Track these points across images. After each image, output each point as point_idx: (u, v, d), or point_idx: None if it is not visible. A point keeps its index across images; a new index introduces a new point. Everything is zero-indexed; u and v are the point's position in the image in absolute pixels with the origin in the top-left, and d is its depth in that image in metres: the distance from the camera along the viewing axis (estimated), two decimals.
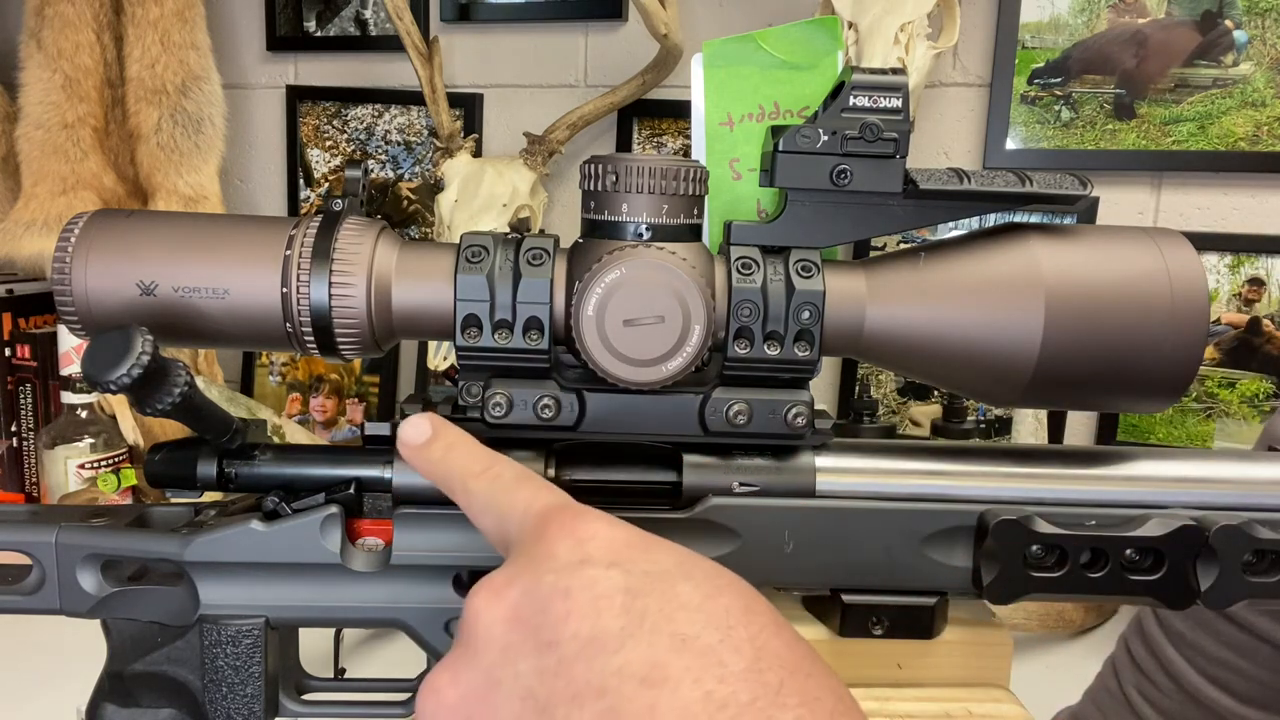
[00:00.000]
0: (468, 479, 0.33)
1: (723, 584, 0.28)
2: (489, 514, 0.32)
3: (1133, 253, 0.37)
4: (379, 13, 1.42)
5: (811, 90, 0.46)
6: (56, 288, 0.38)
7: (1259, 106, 1.10)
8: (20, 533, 0.39)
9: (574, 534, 0.29)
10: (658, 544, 0.29)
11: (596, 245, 0.37)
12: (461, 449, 0.35)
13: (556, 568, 0.28)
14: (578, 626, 0.27)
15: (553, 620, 0.27)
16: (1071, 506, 0.39)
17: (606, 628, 0.26)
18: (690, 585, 0.28)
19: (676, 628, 0.26)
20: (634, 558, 0.28)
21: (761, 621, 0.27)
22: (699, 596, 0.27)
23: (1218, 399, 1.14)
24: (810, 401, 0.39)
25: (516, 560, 0.29)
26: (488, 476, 0.33)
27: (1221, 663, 0.60)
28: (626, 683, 0.25)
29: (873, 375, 1.27)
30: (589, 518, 0.30)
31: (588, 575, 0.27)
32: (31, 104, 1.27)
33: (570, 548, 0.28)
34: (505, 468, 0.34)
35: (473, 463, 0.34)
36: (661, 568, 0.28)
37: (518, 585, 0.28)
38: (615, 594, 0.27)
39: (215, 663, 0.39)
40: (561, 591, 0.27)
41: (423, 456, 0.35)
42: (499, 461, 0.34)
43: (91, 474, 1.17)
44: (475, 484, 0.33)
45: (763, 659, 0.26)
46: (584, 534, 0.29)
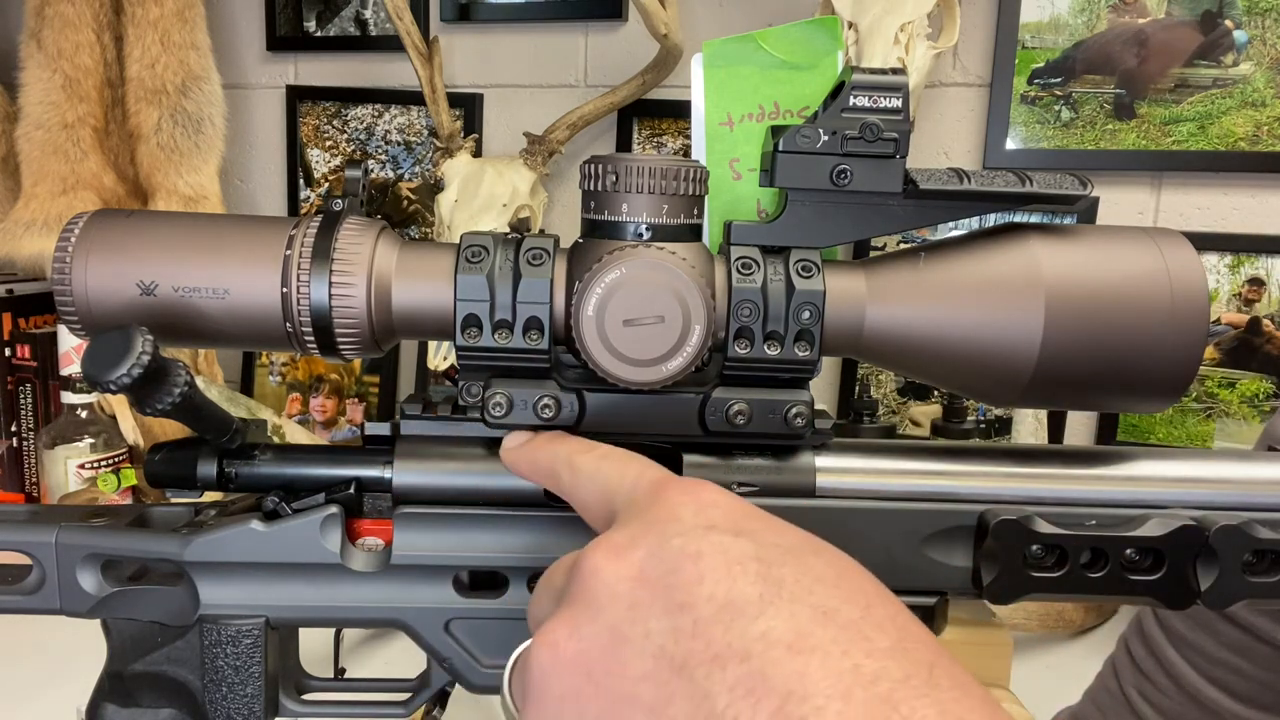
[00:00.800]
0: (574, 456, 0.34)
1: (851, 565, 0.28)
2: (594, 484, 0.33)
3: (1133, 253, 0.37)
4: (379, 13, 1.42)
5: (811, 90, 0.46)
6: (56, 288, 0.38)
7: (1259, 106, 1.10)
8: (20, 533, 0.39)
9: (697, 499, 0.28)
10: (779, 520, 0.29)
11: (596, 245, 0.37)
12: (567, 438, 0.36)
13: (683, 530, 0.27)
14: (713, 589, 0.26)
15: (685, 582, 0.26)
16: (1071, 506, 0.39)
17: (744, 593, 0.26)
18: (822, 561, 0.27)
19: (816, 600, 0.25)
20: (760, 529, 0.28)
21: (896, 605, 0.27)
22: (833, 572, 0.27)
23: (1218, 399, 1.14)
24: (810, 401, 0.39)
25: (630, 523, 0.29)
26: (596, 453, 0.34)
27: (1221, 663, 0.60)
28: (773, 648, 0.24)
29: (873, 375, 1.27)
30: (709, 487, 0.29)
31: (717, 540, 0.27)
32: (31, 104, 1.27)
33: (695, 512, 0.28)
34: (609, 449, 0.34)
35: (579, 444, 0.35)
36: (790, 542, 0.28)
37: (642, 545, 0.27)
38: (748, 560, 0.26)
39: (215, 663, 0.39)
40: (691, 554, 0.27)
41: (528, 448, 0.36)
42: (601, 445, 0.35)
43: (91, 474, 1.17)
44: (582, 459, 0.34)
45: (907, 640, 0.25)
46: (706, 500, 0.29)
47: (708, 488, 0.30)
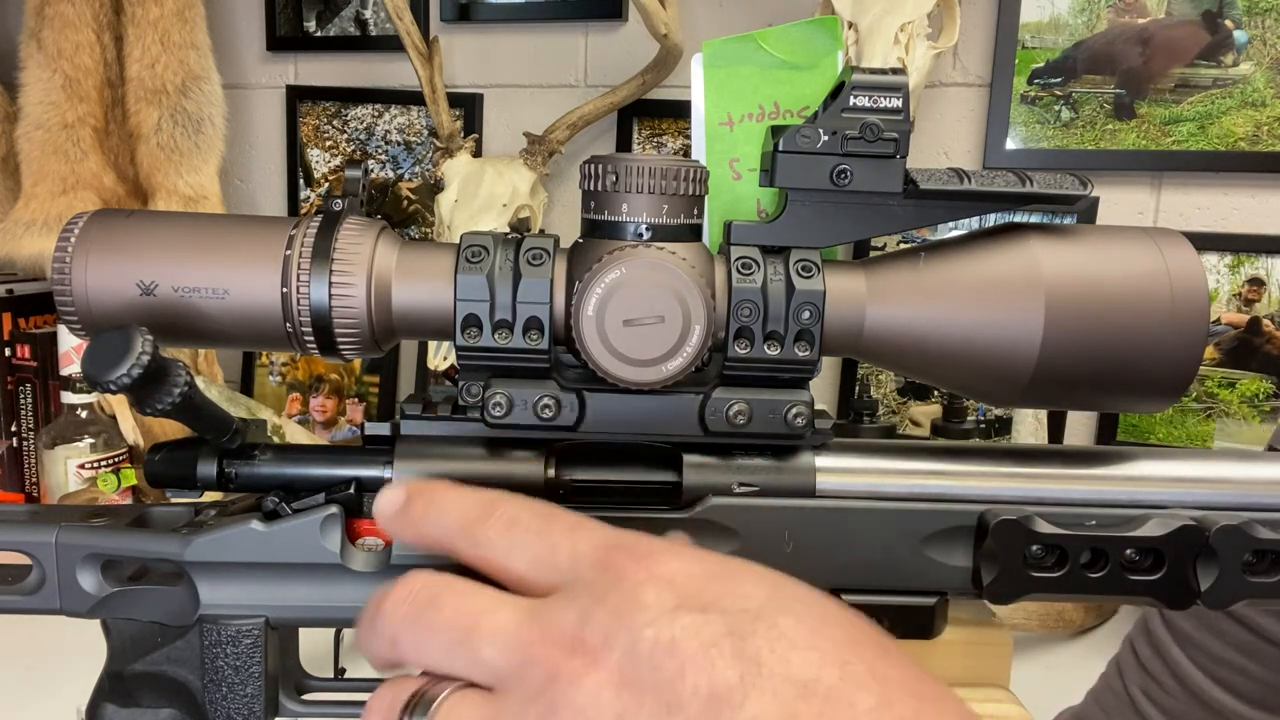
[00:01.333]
0: (473, 529, 0.31)
1: (819, 613, 0.27)
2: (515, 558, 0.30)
3: (1133, 253, 0.37)
4: (379, 13, 1.42)
5: (811, 90, 0.46)
6: (56, 288, 0.38)
7: (1259, 106, 1.10)
8: (20, 533, 0.39)
9: (655, 576, 0.27)
10: (739, 573, 0.28)
11: (596, 245, 0.37)
12: (450, 499, 0.32)
13: (651, 618, 0.26)
14: (695, 681, 0.25)
15: (668, 678, 0.25)
16: (1071, 506, 0.39)
17: (725, 679, 0.25)
18: (791, 620, 0.26)
19: (793, 671, 0.25)
20: (725, 594, 0.27)
21: (871, 650, 0.26)
22: (805, 631, 0.26)
23: (1218, 399, 1.14)
24: (810, 401, 0.39)
25: (591, 613, 0.27)
26: (499, 522, 0.30)
27: (1227, 663, 0.60)
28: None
29: (873, 375, 1.27)
30: (659, 555, 0.28)
31: (688, 624, 0.26)
32: (31, 104, 1.27)
33: (657, 594, 0.27)
34: (514, 507, 0.31)
35: (470, 509, 0.31)
36: (756, 603, 0.27)
37: (616, 645, 0.26)
38: (722, 639, 0.25)
39: (215, 663, 0.39)
40: (666, 646, 0.25)
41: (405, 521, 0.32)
42: (502, 500, 0.31)
43: (91, 474, 1.17)
44: (485, 533, 0.30)
45: (890, 691, 0.25)
46: (664, 574, 0.27)
47: (659, 556, 0.28)
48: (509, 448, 0.39)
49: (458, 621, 0.28)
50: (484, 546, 0.30)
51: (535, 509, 0.31)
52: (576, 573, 0.28)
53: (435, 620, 0.29)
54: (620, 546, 0.28)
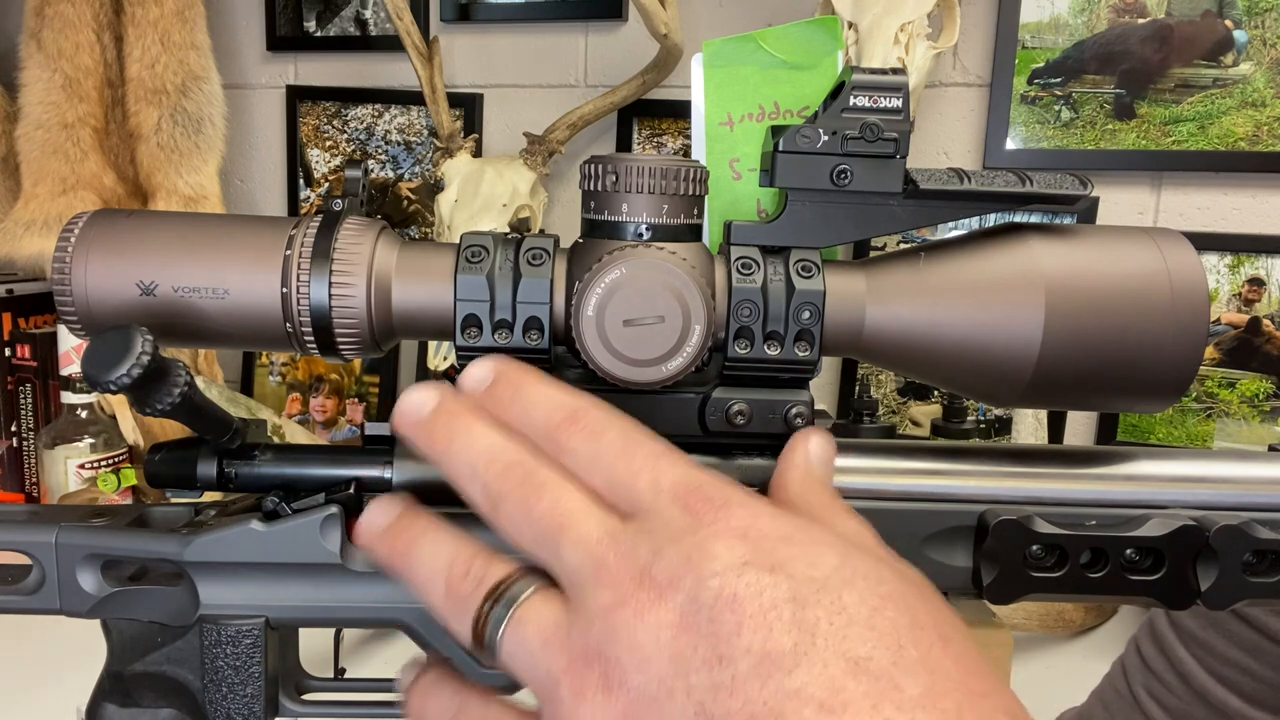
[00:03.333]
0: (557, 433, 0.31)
1: (885, 592, 0.27)
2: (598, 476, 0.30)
3: (1133, 253, 0.37)
4: (379, 13, 1.42)
5: (811, 90, 0.46)
6: (56, 288, 0.38)
7: (1259, 106, 1.10)
8: (20, 533, 0.39)
9: (730, 527, 0.27)
10: (818, 537, 0.28)
11: (596, 245, 0.37)
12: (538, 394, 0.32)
13: (719, 569, 0.26)
14: (750, 640, 0.25)
15: (725, 632, 0.26)
16: (1071, 506, 0.39)
17: (779, 644, 0.25)
18: (856, 595, 0.26)
19: (849, 647, 0.25)
20: (795, 558, 0.27)
21: (930, 637, 0.26)
22: (866, 610, 0.26)
23: (1218, 399, 1.14)
24: (810, 401, 0.38)
25: (663, 551, 0.27)
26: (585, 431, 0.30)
27: (1231, 663, 0.60)
28: (806, 706, 0.24)
29: (873, 375, 1.27)
30: (737, 507, 0.28)
31: (753, 582, 0.26)
32: (31, 104, 1.27)
33: (729, 546, 0.27)
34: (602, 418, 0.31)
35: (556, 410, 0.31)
36: (824, 572, 0.27)
37: (682, 588, 0.26)
38: (783, 604, 0.26)
39: (215, 663, 0.39)
40: (728, 600, 0.26)
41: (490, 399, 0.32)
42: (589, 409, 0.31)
43: (91, 474, 1.17)
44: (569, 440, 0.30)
45: (937, 682, 0.25)
46: (739, 526, 0.27)
47: (735, 505, 0.28)
48: None
49: (550, 517, 0.29)
50: (566, 454, 0.31)
51: (622, 426, 0.31)
52: (656, 505, 0.29)
53: (533, 506, 0.29)
54: (700, 489, 0.29)
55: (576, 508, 0.29)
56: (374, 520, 0.34)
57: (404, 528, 0.33)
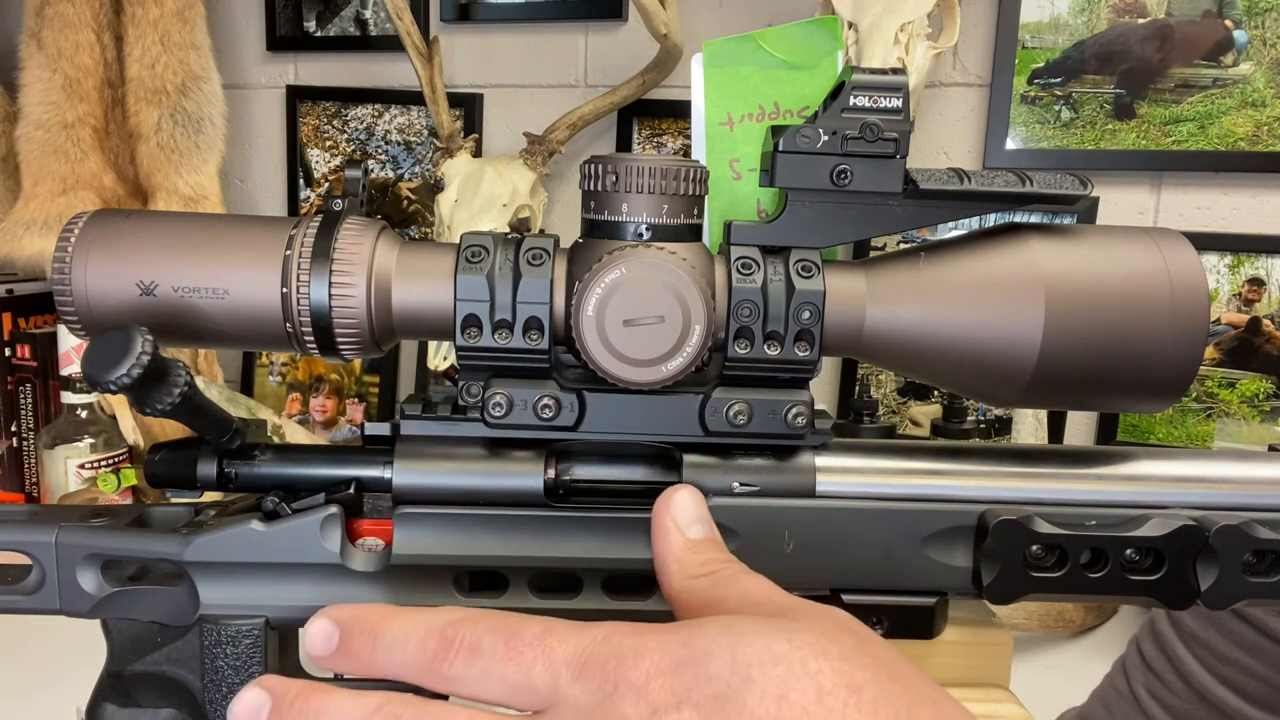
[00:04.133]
0: (436, 665, 0.30)
1: (781, 674, 0.27)
2: (494, 690, 0.30)
3: (1133, 253, 0.37)
4: (379, 13, 1.42)
5: (811, 90, 0.46)
6: (56, 288, 0.38)
7: (1259, 106, 1.10)
8: (20, 533, 0.39)
9: (631, 686, 0.28)
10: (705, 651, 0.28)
11: (596, 245, 0.37)
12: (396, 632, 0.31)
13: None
14: None
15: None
16: (1071, 506, 0.39)
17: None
18: (757, 692, 0.27)
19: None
20: (693, 683, 0.27)
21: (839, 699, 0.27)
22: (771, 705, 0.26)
23: (1218, 399, 1.14)
24: (810, 401, 0.38)
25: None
26: (463, 654, 0.30)
27: (1232, 662, 0.60)
28: None
29: (873, 375, 1.27)
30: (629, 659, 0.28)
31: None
32: (31, 104, 1.27)
33: (634, 703, 0.27)
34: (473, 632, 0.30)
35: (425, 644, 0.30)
36: (722, 683, 0.27)
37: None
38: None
39: (215, 663, 0.39)
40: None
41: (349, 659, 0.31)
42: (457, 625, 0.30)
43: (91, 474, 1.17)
44: (450, 668, 0.30)
45: None
46: (637, 680, 0.28)
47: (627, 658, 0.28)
48: (509, 448, 0.39)
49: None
50: (454, 682, 0.30)
51: (495, 627, 0.30)
52: (558, 692, 0.29)
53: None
54: (591, 657, 0.29)
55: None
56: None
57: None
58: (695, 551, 0.34)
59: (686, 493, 0.36)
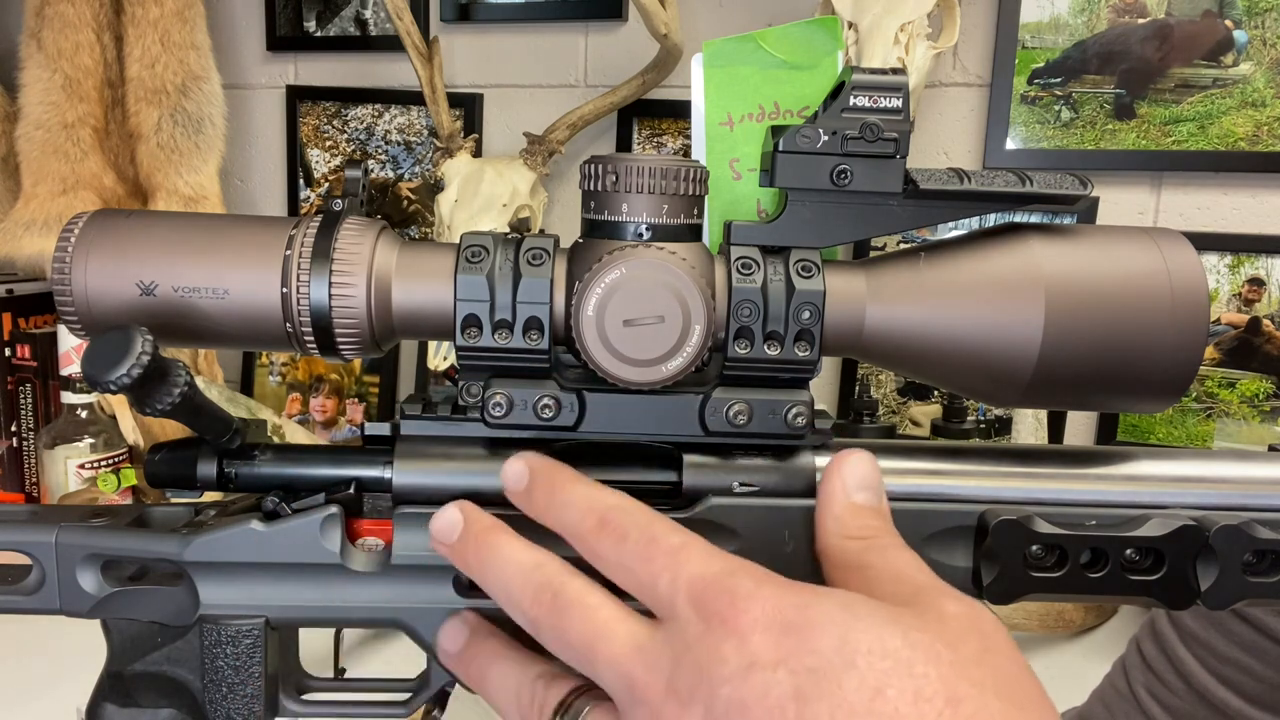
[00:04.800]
0: (588, 538, 0.33)
1: (887, 669, 0.27)
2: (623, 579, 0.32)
3: (1133, 253, 0.37)
4: (379, 13, 1.42)
5: (811, 90, 0.46)
6: (56, 288, 0.38)
7: (1259, 106, 1.10)
8: (20, 533, 0.39)
9: (736, 629, 0.29)
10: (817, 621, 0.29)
11: (596, 245, 0.37)
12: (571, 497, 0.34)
13: (728, 675, 0.28)
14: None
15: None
16: (1071, 506, 0.39)
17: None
18: (855, 679, 0.27)
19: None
20: (796, 650, 0.28)
21: (934, 708, 0.27)
22: (866, 695, 0.27)
23: (1218, 399, 1.14)
24: (810, 401, 0.38)
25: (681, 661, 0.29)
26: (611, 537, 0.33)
27: (1232, 662, 0.60)
28: None
29: (873, 375, 1.27)
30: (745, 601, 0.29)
31: (758, 684, 0.28)
32: (31, 104, 1.27)
33: (735, 648, 0.28)
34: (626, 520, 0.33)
35: (587, 516, 0.33)
36: (824, 659, 0.28)
37: (700, 699, 0.28)
38: (787, 703, 0.27)
39: (215, 663, 0.39)
40: (738, 706, 0.28)
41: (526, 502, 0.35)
42: (616, 511, 0.33)
43: (91, 474, 1.17)
44: (598, 545, 0.33)
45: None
46: (745, 626, 0.29)
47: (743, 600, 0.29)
48: (509, 448, 0.39)
49: (582, 640, 0.31)
50: (596, 559, 0.33)
51: (643, 525, 0.32)
52: (674, 610, 0.30)
53: (566, 630, 0.32)
54: (712, 586, 0.30)
55: (603, 624, 0.31)
56: (448, 643, 0.38)
57: (474, 654, 0.37)
58: (855, 514, 0.35)
59: (862, 457, 0.36)
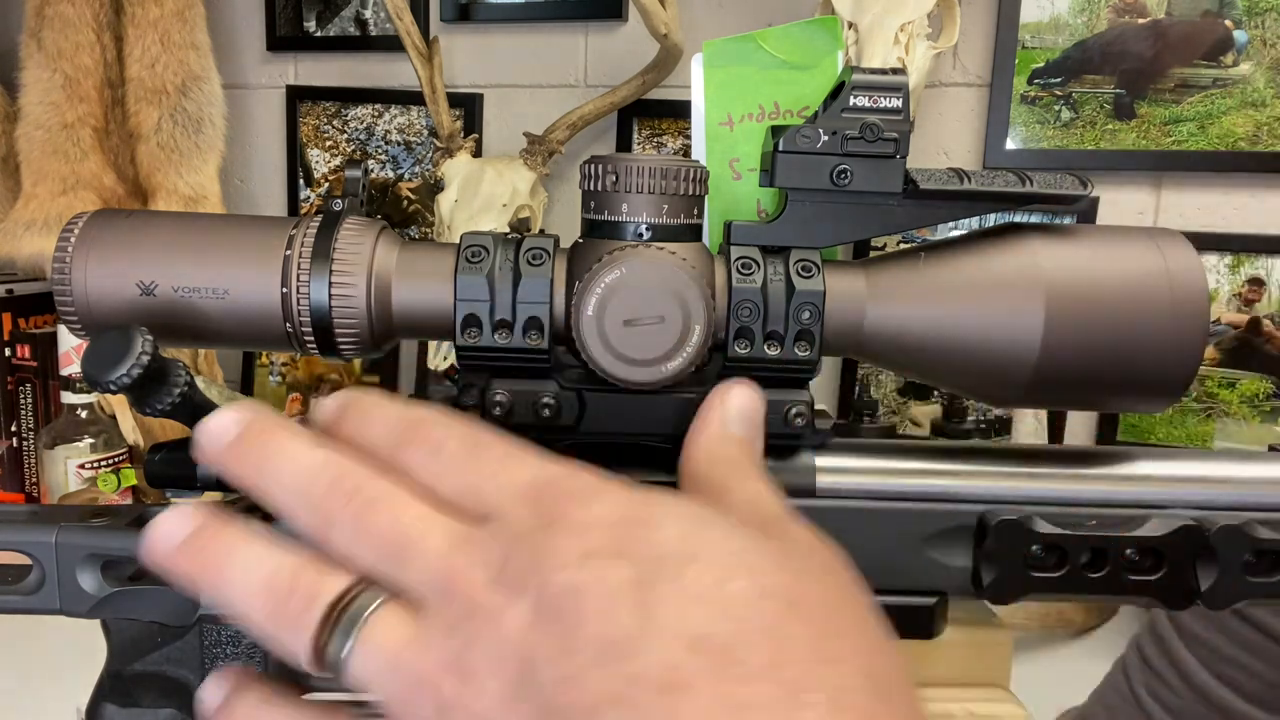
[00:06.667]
0: (397, 452, 0.30)
1: (731, 564, 0.26)
2: (444, 487, 0.29)
3: (1133, 253, 0.37)
4: (379, 13, 1.42)
5: (811, 90, 0.46)
6: (56, 288, 0.38)
7: (1259, 106, 1.10)
8: (20, 533, 0.39)
9: (576, 520, 0.27)
10: (660, 517, 0.27)
11: (596, 245, 0.37)
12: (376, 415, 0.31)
13: (564, 563, 0.26)
14: (594, 629, 0.25)
15: (571, 624, 0.25)
16: (1071, 506, 0.39)
17: (622, 628, 0.25)
18: (697, 569, 0.26)
19: (687, 625, 0.25)
20: (637, 539, 0.26)
21: (777, 606, 0.25)
22: (708, 583, 0.25)
23: (1218, 399, 1.14)
24: (810, 401, 0.38)
25: (513, 552, 0.27)
26: (425, 447, 0.29)
27: (1232, 661, 0.60)
28: (646, 689, 0.24)
29: (873, 375, 1.27)
30: (583, 497, 0.27)
31: (596, 569, 0.26)
32: (31, 104, 1.27)
33: (573, 539, 0.26)
34: (441, 431, 0.30)
35: (395, 428, 0.30)
36: (667, 549, 0.26)
37: (530, 588, 0.26)
38: (625, 588, 0.25)
39: (215, 663, 0.39)
40: (572, 592, 0.25)
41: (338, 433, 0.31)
42: (428, 423, 0.30)
43: (91, 474, 1.17)
44: (410, 457, 0.30)
45: (783, 650, 0.24)
46: (584, 518, 0.27)
47: (581, 496, 0.27)
48: None
49: (391, 532, 0.28)
50: (411, 468, 0.30)
51: (466, 432, 0.30)
52: (502, 508, 0.28)
53: (370, 523, 0.28)
54: (550, 485, 0.28)
55: (418, 519, 0.28)
56: (169, 531, 0.30)
57: (209, 539, 0.30)
58: (725, 442, 0.33)
59: (746, 390, 0.35)
